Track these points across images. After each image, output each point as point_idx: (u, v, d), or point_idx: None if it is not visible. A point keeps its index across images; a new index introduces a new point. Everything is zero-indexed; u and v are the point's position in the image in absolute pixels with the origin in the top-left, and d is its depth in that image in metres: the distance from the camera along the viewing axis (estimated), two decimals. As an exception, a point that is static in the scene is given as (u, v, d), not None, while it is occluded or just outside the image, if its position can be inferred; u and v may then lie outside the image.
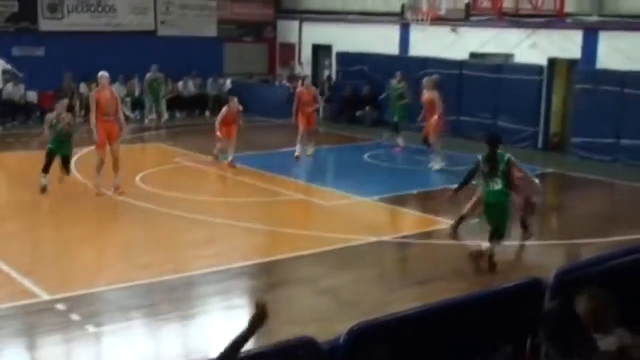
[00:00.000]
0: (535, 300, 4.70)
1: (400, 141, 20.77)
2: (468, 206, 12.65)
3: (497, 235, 11.24)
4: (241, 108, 18.95)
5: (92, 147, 15.53)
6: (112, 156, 15.11)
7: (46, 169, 14.99)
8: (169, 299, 9.81)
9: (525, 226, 12.58)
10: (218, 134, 18.32)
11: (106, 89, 15.48)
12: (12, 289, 9.89)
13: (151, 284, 10.22)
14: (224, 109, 18.73)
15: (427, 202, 15.44)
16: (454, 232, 12.80)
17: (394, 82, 21.80)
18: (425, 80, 19.24)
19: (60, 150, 15.18)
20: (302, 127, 19.27)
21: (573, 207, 14.62)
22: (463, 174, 12.19)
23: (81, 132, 16.30)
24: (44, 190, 14.82)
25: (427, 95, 18.80)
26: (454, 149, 21.43)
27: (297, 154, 19.08)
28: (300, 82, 21.59)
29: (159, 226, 13.27)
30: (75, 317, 9.01)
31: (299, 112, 19.47)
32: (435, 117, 18.60)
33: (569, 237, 13.11)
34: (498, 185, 11.20)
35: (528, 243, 12.54)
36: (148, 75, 25.45)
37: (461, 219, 12.71)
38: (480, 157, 11.54)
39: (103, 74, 15.53)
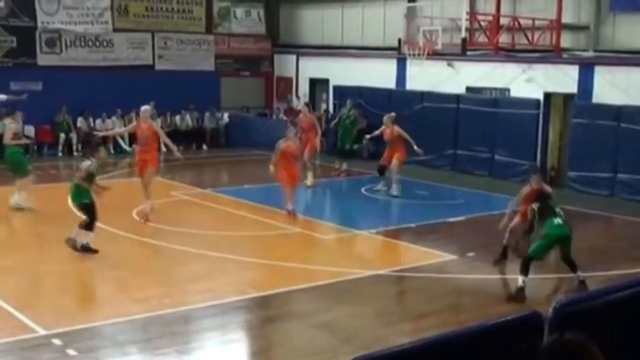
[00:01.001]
0: (534, 334, 4.67)
1: (344, 165, 21.87)
2: (507, 235, 13.05)
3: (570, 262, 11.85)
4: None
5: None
6: (143, 184, 15.98)
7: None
8: (166, 333, 9.75)
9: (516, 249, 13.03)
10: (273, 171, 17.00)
11: (142, 122, 16.16)
12: (7, 323, 9.82)
13: (148, 318, 10.16)
14: (280, 144, 16.87)
15: (425, 235, 15.41)
16: (499, 261, 13.18)
17: (344, 110, 22.76)
18: (385, 118, 19.76)
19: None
20: (305, 154, 19.65)
21: (578, 238, 14.57)
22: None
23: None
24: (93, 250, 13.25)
25: (389, 130, 19.39)
26: (450, 182, 21.50)
27: (308, 182, 19.77)
28: (305, 108, 21.88)
29: (155, 260, 13.24)
30: (71, 351, 8.94)
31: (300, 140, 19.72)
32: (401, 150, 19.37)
33: (567, 271, 13.07)
34: (560, 219, 11.78)
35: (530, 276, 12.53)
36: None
37: (506, 249, 13.15)
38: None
39: (146, 108, 16.34)
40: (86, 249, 12.94)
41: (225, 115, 28.57)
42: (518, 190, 13.58)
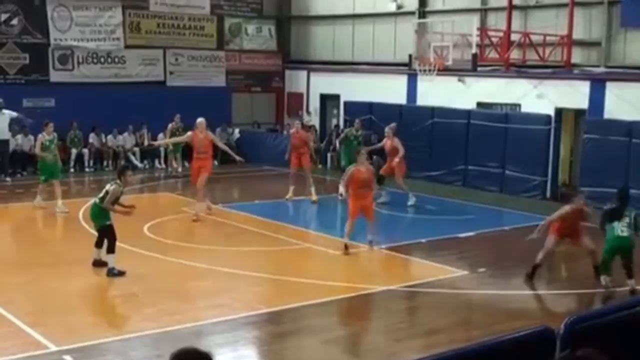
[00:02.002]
0: (546, 350, 4.66)
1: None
2: (540, 256, 13.09)
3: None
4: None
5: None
6: (197, 186, 17.94)
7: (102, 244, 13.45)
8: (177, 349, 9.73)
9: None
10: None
11: (200, 132, 18.22)
12: (19, 340, 9.84)
13: (159, 334, 10.16)
14: (350, 168, 15.62)
15: (436, 250, 15.38)
16: (529, 280, 13.16)
17: (352, 130, 22.33)
18: (386, 129, 20.18)
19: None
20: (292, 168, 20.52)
21: (583, 256, 14.55)
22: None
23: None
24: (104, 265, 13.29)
25: (390, 141, 19.90)
26: (460, 198, 21.47)
27: (313, 198, 20.21)
28: (300, 125, 22.03)
29: (166, 275, 13.24)
30: (82, 367, 8.95)
31: (291, 154, 20.66)
32: (396, 160, 19.58)
33: (580, 287, 13.03)
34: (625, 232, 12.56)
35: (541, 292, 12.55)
36: (170, 125, 25.40)
37: (535, 268, 13.19)
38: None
39: (201, 120, 18.34)
40: (115, 274, 12.89)
41: (237, 131, 28.63)
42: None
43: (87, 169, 25.16)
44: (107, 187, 13.22)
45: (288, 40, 31.17)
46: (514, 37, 22.21)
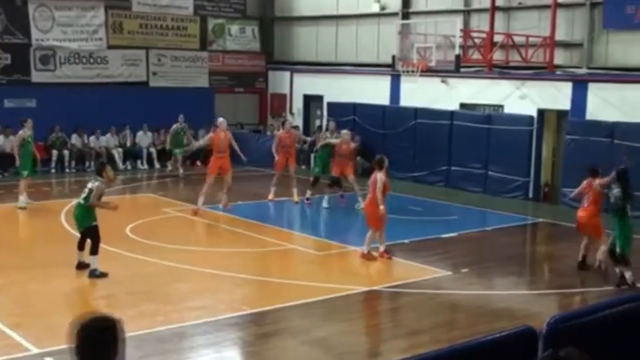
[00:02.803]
0: (528, 349, 4.66)
1: (308, 193, 20.55)
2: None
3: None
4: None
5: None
6: (225, 182, 18.90)
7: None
8: (160, 351, 9.71)
9: None
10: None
11: (222, 131, 19.07)
12: (0, 342, 9.77)
13: (141, 336, 10.08)
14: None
15: (418, 251, 15.40)
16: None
17: (326, 133, 21.52)
18: (345, 133, 20.00)
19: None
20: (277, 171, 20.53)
21: (565, 256, 14.61)
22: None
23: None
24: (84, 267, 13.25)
25: (345, 146, 19.69)
26: (443, 198, 21.53)
27: (295, 199, 20.18)
28: (281, 125, 22.11)
29: (149, 277, 13.18)
30: (63, 369, 8.89)
31: (280, 155, 20.49)
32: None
33: (562, 287, 13.08)
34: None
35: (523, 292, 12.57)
36: (175, 125, 25.38)
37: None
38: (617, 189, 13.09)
39: (223, 120, 19.56)
40: (97, 275, 12.83)
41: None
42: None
43: (67, 170, 24.97)
44: (89, 185, 13.10)
45: (271, 41, 31.14)
46: (497, 38, 22.27)
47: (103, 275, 12.81)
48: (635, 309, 5.34)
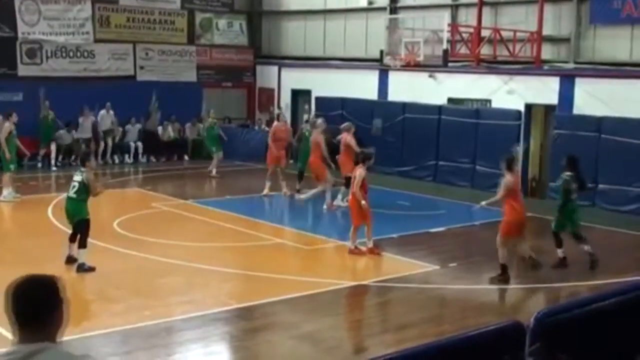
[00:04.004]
0: (515, 344, 4.67)
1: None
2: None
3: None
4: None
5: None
6: (281, 170, 20.37)
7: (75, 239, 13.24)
8: (147, 346, 9.69)
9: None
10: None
11: (284, 124, 21.44)
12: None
13: (128, 331, 10.08)
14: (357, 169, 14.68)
15: (407, 245, 15.42)
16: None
17: (307, 127, 21.28)
18: (343, 126, 19.26)
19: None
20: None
21: (552, 251, 14.65)
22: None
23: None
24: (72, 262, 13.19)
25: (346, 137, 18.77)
26: (431, 193, 21.56)
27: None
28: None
29: (136, 271, 13.15)
30: (50, 364, 8.83)
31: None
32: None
33: (548, 281, 13.12)
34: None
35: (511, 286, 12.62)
36: (210, 120, 24.87)
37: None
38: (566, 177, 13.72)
39: (280, 112, 22.02)
40: (85, 270, 12.79)
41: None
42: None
43: (52, 165, 24.76)
44: (77, 178, 13.02)
45: (259, 35, 31.10)
46: (485, 33, 22.33)
47: (91, 269, 12.77)
48: (623, 302, 5.36)
